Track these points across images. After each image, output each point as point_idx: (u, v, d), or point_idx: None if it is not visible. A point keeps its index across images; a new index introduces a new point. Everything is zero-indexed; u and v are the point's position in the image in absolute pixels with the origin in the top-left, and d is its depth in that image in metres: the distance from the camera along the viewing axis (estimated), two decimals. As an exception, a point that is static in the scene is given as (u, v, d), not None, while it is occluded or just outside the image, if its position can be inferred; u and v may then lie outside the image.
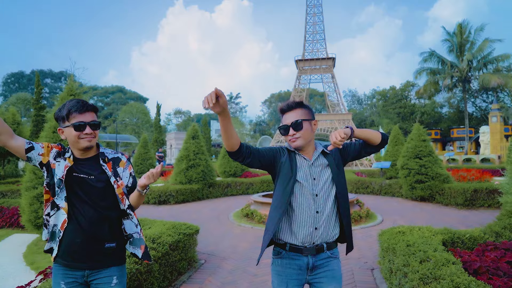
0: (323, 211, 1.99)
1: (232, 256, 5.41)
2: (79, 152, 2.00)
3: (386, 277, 4.03)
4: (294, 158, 2.06)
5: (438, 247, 3.58)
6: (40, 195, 5.76)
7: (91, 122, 1.95)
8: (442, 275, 2.78)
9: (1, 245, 6.30)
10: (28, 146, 1.91)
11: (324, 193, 2.01)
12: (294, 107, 2.06)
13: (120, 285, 2.01)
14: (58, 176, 1.92)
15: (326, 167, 2.06)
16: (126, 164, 2.12)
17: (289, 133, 2.01)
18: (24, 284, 3.93)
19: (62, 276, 1.94)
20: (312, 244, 1.99)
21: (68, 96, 6.40)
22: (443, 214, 8.58)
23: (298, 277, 2.02)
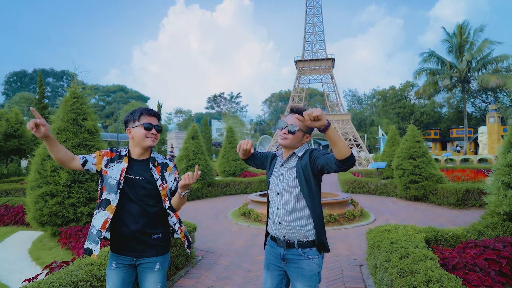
0: (282, 208, 2.21)
1: (228, 253, 5.66)
2: (139, 151, 2.32)
3: (372, 273, 4.27)
4: (275, 161, 2.42)
5: (419, 244, 3.81)
6: (44, 193, 6.01)
7: (156, 125, 2.31)
8: (417, 269, 3.01)
9: (7, 242, 6.55)
10: (83, 161, 2.23)
11: (285, 192, 2.22)
12: (298, 113, 2.25)
13: (162, 271, 2.32)
14: (116, 178, 2.24)
15: (292, 169, 2.25)
16: (173, 170, 2.41)
17: (283, 130, 2.26)
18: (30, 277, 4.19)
19: (115, 258, 2.30)
20: (283, 238, 2.24)
21: (71, 98, 6.65)
22: (435, 214, 8.82)
23: (276, 263, 2.30)
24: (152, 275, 2.27)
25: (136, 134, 2.27)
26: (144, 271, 2.28)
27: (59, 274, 3.10)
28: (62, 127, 6.37)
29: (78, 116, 6.53)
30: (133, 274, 2.34)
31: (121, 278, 2.28)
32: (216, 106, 73.97)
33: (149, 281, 2.27)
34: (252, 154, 2.53)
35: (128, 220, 2.23)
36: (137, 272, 2.35)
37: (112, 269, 2.29)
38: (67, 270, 3.21)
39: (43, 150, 6.38)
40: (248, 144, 2.38)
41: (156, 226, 2.30)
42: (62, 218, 6.02)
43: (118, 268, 2.28)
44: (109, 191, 2.23)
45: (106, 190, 2.25)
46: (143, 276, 2.29)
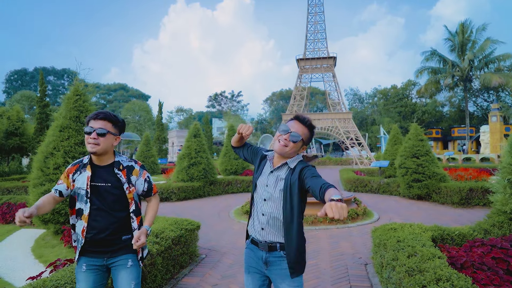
0: (267, 215, 2.14)
1: (232, 251, 5.63)
2: (94, 157, 2.26)
3: (378, 271, 4.23)
4: (264, 164, 2.30)
5: (426, 242, 3.78)
6: (47, 191, 5.97)
7: (99, 128, 2.18)
8: (426, 268, 2.98)
9: (10, 240, 6.53)
10: (58, 194, 2.27)
11: (272, 201, 2.14)
12: (304, 124, 2.18)
13: (135, 268, 2.30)
14: (83, 188, 2.21)
15: (281, 180, 2.15)
16: (140, 172, 2.37)
17: (284, 136, 2.14)
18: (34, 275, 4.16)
19: (85, 260, 2.25)
20: (265, 242, 2.16)
21: (74, 96, 6.62)
22: (438, 213, 8.77)
23: (257, 266, 2.22)
24: (125, 272, 2.25)
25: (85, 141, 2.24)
26: (117, 269, 2.26)
27: (63, 272, 3.07)
28: (64, 124, 6.34)
29: (81, 113, 6.50)
30: (105, 277, 2.32)
31: (92, 280, 2.24)
32: (217, 105, 73.91)
33: (123, 278, 2.24)
34: (244, 144, 2.49)
35: (98, 226, 2.20)
36: (111, 273, 2.31)
37: (82, 271, 2.24)
38: (72, 268, 3.18)
39: (45, 148, 6.34)
40: (248, 130, 2.25)
41: (126, 228, 2.29)
42: (65, 216, 5.99)
43: (89, 270, 2.24)
44: (80, 201, 2.24)
45: (78, 200, 2.26)
46: (116, 274, 2.26)
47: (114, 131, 2.26)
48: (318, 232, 6.81)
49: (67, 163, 6.09)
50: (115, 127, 2.26)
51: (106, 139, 2.20)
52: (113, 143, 2.27)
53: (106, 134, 2.19)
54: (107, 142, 2.21)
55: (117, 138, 2.30)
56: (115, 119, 2.27)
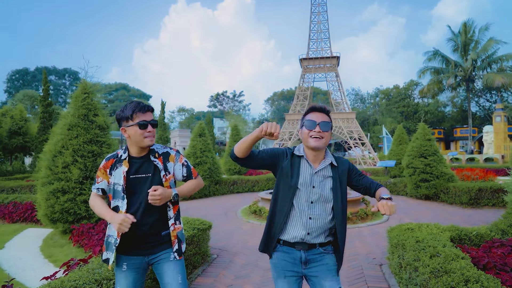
0: (316, 218, 2.06)
1: (243, 251, 5.56)
2: (138, 150, 2.20)
3: (395, 272, 4.16)
4: (298, 163, 2.13)
5: (446, 243, 3.70)
6: (56, 190, 5.91)
7: (151, 120, 2.17)
8: (452, 269, 2.90)
9: (18, 239, 6.47)
10: (101, 193, 2.25)
11: (321, 202, 2.06)
12: (326, 113, 2.14)
13: (179, 261, 2.23)
14: (120, 183, 2.14)
15: (328, 178, 2.11)
16: (176, 157, 2.31)
17: (315, 129, 2.06)
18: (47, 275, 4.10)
19: (125, 259, 2.18)
20: (304, 243, 2.09)
21: (82, 94, 6.55)
22: (448, 213, 8.70)
23: (293, 269, 2.10)
24: (170, 265, 2.19)
25: (133, 134, 2.14)
26: (161, 264, 2.20)
27: (80, 272, 3.01)
28: (73, 123, 6.27)
29: (89, 111, 6.44)
30: (144, 275, 2.26)
31: (132, 280, 2.18)
32: (219, 105, 73.85)
33: (168, 271, 2.17)
34: (251, 153, 2.05)
35: (136, 223, 2.12)
36: (154, 270, 2.25)
37: (122, 270, 2.19)
38: (88, 268, 3.12)
39: (53, 146, 6.28)
40: (277, 128, 1.82)
41: (164, 223, 2.22)
42: (74, 215, 5.93)
43: (129, 270, 2.18)
44: (116, 197, 2.17)
45: (113, 198, 2.19)
46: (160, 269, 2.20)
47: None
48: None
49: (76, 162, 6.03)
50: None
51: (155, 130, 2.23)
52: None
53: (157, 125, 2.22)
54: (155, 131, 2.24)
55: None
56: (153, 109, 2.27)
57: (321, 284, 2.09)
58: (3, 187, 12.47)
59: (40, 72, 71.08)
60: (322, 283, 2.08)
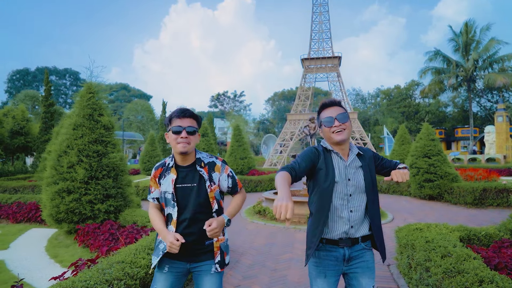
0: (356, 210, 2.08)
1: (249, 252, 5.54)
2: (180, 158, 2.17)
3: (404, 272, 4.13)
4: (331, 158, 2.12)
5: (456, 243, 3.68)
6: (61, 190, 5.90)
7: (188, 127, 2.11)
8: (465, 269, 2.88)
9: (22, 239, 6.45)
10: (156, 202, 2.26)
11: (357, 194, 2.09)
12: (337, 104, 2.15)
13: (218, 274, 2.19)
14: (169, 191, 2.14)
15: (359, 169, 2.13)
16: (222, 168, 2.26)
17: (334, 124, 2.07)
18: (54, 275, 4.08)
19: (168, 262, 2.18)
20: (348, 239, 2.08)
21: (87, 94, 6.54)
22: (452, 213, 8.67)
23: (335, 268, 2.10)
24: (210, 278, 2.17)
25: (169, 140, 2.15)
26: (201, 275, 2.18)
27: (90, 272, 2.99)
28: (78, 122, 6.26)
29: (94, 111, 6.42)
30: (183, 280, 2.25)
31: (170, 283, 2.18)
32: (220, 105, 73.80)
33: (208, 283, 2.17)
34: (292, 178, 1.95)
35: (182, 231, 2.14)
36: (193, 277, 2.25)
37: (163, 272, 2.18)
38: (98, 268, 3.10)
39: (58, 146, 6.27)
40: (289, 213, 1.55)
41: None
42: (79, 215, 5.91)
43: (170, 273, 2.18)
44: (168, 205, 2.18)
45: (166, 206, 2.20)
46: (200, 280, 2.19)
47: (198, 128, 2.21)
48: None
49: (81, 162, 6.01)
50: (198, 124, 2.20)
51: (195, 138, 2.15)
52: (197, 141, 2.21)
53: (195, 132, 2.14)
54: (195, 141, 2.16)
55: (199, 135, 2.24)
56: (198, 116, 2.21)
57: (358, 280, 2.10)
58: (6, 187, 12.46)
59: (41, 72, 71.10)
60: (359, 279, 2.09)
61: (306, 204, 7.76)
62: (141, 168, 20.94)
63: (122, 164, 6.50)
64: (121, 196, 6.30)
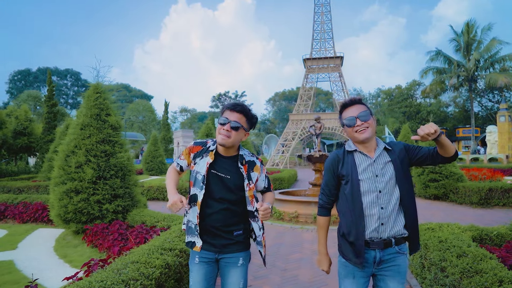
0: (387, 206, 2.00)
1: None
2: (222, 148, 2.20)
3: (417, 272, 4.11)
4: (352, 158, 2.10)
5: (470, 243, 3.67)
6: (69, 190, 5.88)
7: (233, 121, 2.11)
8: (483, 269, 2.87)
9: (30, 239, 6.43)
10: (180, 168, 2.33)
11: (388, 189, 2.01)
12: (357, 103, 2.11)
13: (245, 266, 2.26)
14: (202, 173, 2.16)
15: (388, 163, 2.06)
16: (261, 169, 2.30)
17: (356, 123, 2.05)
18: (64, 275, 4.07)
19: (197, 252, 2.23)
20: (379, 239, 2.01)
21: (94, 94, 6.53)
22: (459, 213, 8.66)
23: (364, 270, 2.06)
24: (236, 271, 2.21)
25: (217, 129, 2.17)
26: (227, 266, 2.22)
27: (106, 272, 2.97)
28: (85, 122, 6.25)
29: (102, 111, 6.42)
30: (215, 269, 2.29)
31: (203, 273, 2.21)
32: (221, 105, 73.81)
33: (233, 276, 2.21)
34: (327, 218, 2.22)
35: (210, 217, 2.17)
36: (219, 266, 2.28)
37: (195, 263, 2.23)
38: (112, 268, 3.08)
39: (66, 146, 6.26)
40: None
41: (238, 223, 2.21)
42: (87, 215, 5.90)
43: (201, 263, 2.22)
44: (197, 186, 2.19)
45: (194, 185, 2.21)
46: (226, 271, 2.23)
47: (246, 126, 2.19)
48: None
49: (89, 162, 6.00)
50: (248, 123, 2.20)
51: (237, 134, 2.14)
52: (242, 138, 2.20)
53: (239, 128, 2.13)
54: (238, 137, 2.15)
55: (246, 134, 2.23)
56: (251, 115, 2.20)
57: (385, 282, 2.06)
58: (10, 187, 12.47)
59: (42, 73, 71.13)
60: (387, 282, 2.05)
61: (312, 204, 7.79)
62: (143, 168, 20.92)
63: (129, 164, 6.49)
64: (129, 196, 6.29)
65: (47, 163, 13.56)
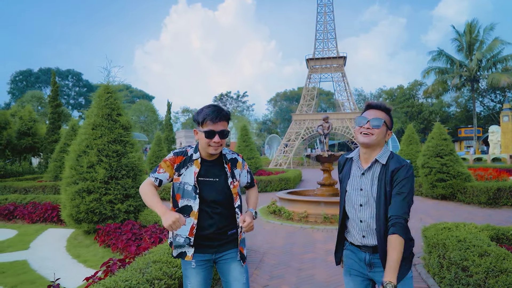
0: (367, 221, 1.98)
1: (271, 251, 5.52)
2: (207, 154, 2.18)
3: (435, 272, 4.10)
4: (350, 167, 2.13)
5: (489, 242, 3.66)
6: (81, 190, 5.88)
7: (220, 131, 2.09)
8: (508, 268, 2.86)
9: (41, 239, 6.44)
10: (158, 183, 2.16)
11: (369, 204, 1.97)
12: (382, 109, 2.05)
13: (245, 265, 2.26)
14: (191, 183, 2.13)
15: (375, 179, 1.98)
16: (242, 164, 2.32)
17: (364, 125, 2.00)
18: (79, 275, 4.07)
19: (194, 256, 2.17)
20: (366, 246, 2.01)
21: (104, 94, 6.53)
22: (467, 213, 8.64)
23: (359, 269, 2.07)
24: (236, 265, 2.20)
25: (200, 140, 2.14)
26: (227, 263, 2.20)
27: (128, 272, 2.97)
28: (97, 122, 6.25)
29: (113, 111, 6.42)
30: (212, 271, 2.28)
31: (202, 276, 2.19)
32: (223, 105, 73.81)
33: (234, 271, 2.18)
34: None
35: (204, 222, 2.15)
36: (218, 267, 2.25)
37: (192, 268, 2.18)
38: (134, 268, 3.09)
39: (77, 146, 6.26)
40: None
41: (231, 223, 2.22)
42: (99, 215, 5.90)
43: (199, 267, 2.18)
44: (187, 197, 2.14)
45: (183, 197, 2.15)
46: (226, 268, 2.20)
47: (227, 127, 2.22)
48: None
49: (101, 161, 6.00)
50: (228, 122, 2.20)
51: (226, 139, 2.17)
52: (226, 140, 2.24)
53: (228, 134, 2.16)
54: (225, 140, 2.18)
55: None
56: (229, 115, 2.19)
57: None
58: (16, 187, 12.48)
59: (44, 73, 71.20)
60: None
61: (322, 204, 7.79)
62: (147, 168, 20.92)
63: (140, 164, 6.49)
64: (140, 196, 6.27)
65: (53, 163, 13.56)
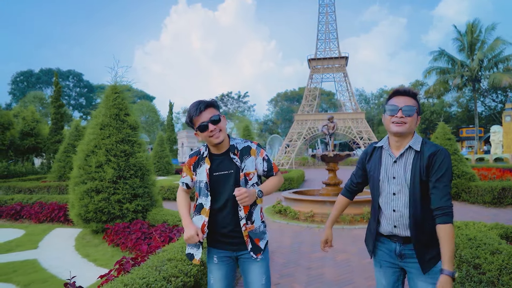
0: (401, 210, 1.95)
1: (279, 250, 5.54)
2: (214, 148, 2.19)
3: (444, 270, 4.12)
4: (380, 155, 2.08)
5: (500, 240, 3.69)
6: (90, 189, 5.92)
7: (210, 119, 2.07)
8: (521, 266, 2.89)
9: (48, 239, 6.46)
10: (186, 186, 2.31)
11: (403, 193, 1.95)
12: (410, 95, 1.99)
13: (265, 261, 2.21)
14: (204, 181, 2.15)
15: (408, 166, 1.94)
16: (257, 151, 2.22)
17: (397, 114, 1.94)
18: (91, 274, 4.10)
19: (215, 252, 2.22)
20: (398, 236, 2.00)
21: (112, 94, 6.57)
22: (473, 212, 8.67)
23: (390, 260, 2.07)
24: (256, 266, 2.18)
25: (202, 137, 2.16)
26: (246, 263, 2.19)
27: (145, 270, 2.99)
28: (105, 122, 6.29)
29: (120, 111, 6.45)
30: (234, 267, 2.28)
31: (224, 272, 2.21)
32: (224, 106, 73.89)
33: (253, 272, 2.17)
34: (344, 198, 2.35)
35: (221, 220, 2.15)
36: (240, 266, 2.26)
37: (214, 263, 2.22)
38: (149, 265, 3.11)
39: (86, 146, 6.30)
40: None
41: (250, 217, 2.18)
42: (108, 215, 5.93)
43: (221, 262, 2.20)
44: (201, 195, 2.19)
45: (199, 196, 2.20)
46: (246, 268, 2.20)
47: (218, 112, 2.17)
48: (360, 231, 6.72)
49: (109, 161, 6.03)
50: (217, 108, 2.17)
51: (222, 123, 2.11)
52: (225, 125, 2.19)
53: (219, 118, 2.11)
54: (223, 125, 2.13)
55: (223, 117, 2.19)
56: (214, 102, 2.16)
57: (414, 281, 2.01)
58: (20, 187, 12.52)
59: (44, 74, 71.29)
60: (415, 280, 2.00)
61: (327, 204, 7.81)
62: (151, 169, 21.01)
63: (147, 164, 6.52)
64: (148, 196, 6.32)
65: (57, 164, 13.61)
